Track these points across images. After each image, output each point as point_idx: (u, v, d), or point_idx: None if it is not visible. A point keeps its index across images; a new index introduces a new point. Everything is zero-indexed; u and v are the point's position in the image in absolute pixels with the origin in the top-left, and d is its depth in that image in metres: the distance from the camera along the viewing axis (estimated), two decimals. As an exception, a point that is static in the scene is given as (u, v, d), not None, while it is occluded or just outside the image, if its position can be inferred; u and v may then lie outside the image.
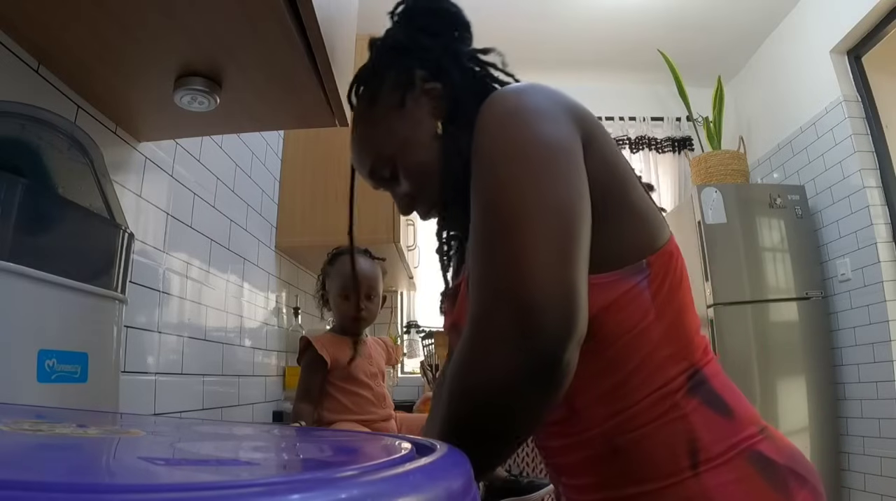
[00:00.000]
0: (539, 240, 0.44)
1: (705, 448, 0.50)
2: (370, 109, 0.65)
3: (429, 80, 0.63)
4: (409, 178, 0.63)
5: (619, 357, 0.52)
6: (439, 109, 0.62)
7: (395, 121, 0.63)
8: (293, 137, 1.95)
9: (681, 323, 0.54)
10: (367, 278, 1.28)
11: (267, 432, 0.46)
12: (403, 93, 0.62)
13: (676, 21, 2.87)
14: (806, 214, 2.62)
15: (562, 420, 0.56)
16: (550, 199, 0.46)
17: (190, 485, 0.17)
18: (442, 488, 0.20)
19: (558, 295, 0.43)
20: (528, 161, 0.48)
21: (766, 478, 0.50)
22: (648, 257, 0.53)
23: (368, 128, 0.65)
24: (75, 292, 0.66)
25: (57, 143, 0.73)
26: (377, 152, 0.64)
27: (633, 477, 0.52)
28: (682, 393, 0.52)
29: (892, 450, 2.18)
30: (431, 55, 0.63)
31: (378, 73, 0.65)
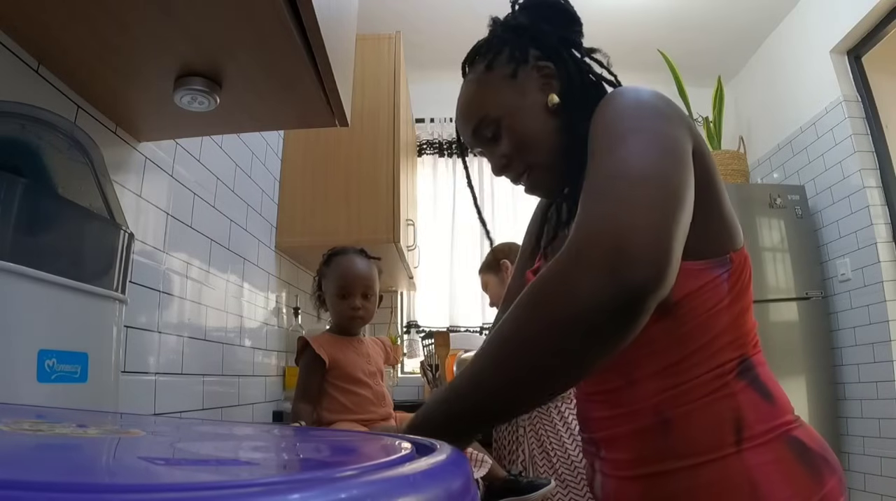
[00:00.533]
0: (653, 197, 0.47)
1: (749, 426, 0.54)
2: (485, 74, 0.70)
3: (542, 59, 0.69)
4: (511, 141, 0.68)
5: (689, 336, 0.57)
6: (549, 87, 0.68)
7: (507, 88, 0.68)
8: (293, 137, 1.95)
9: (744, 317, 0.60)
10: (364, 277, 1.28)
11: (267, 432, 0.46)
12: (517, 66, 0.68)
13: (676, 21, 2.87)
14: (806, 214, 2.62)
15: (616, 389, 0.61)
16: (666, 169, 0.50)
17: (190, 485, 0.17)
18: (442, 488, 0.20)
19: (658, 248, 0.44)
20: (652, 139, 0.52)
21: (802, 462, 0.54)
22: (731, 253, 0.59)
23: (481, 89, 0.70)
24: (75, 292, 0.66)
25: (57, 143, 0.73)
26: (485, 112, 0.69)
27: (677, 452, 0.55)
28: (733, 375, 0.57)
29: (892, 450, 2.18)
30: (547, 39, 0.69)
31: (497, 44, 0.70)
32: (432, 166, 3.15)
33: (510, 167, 0.71)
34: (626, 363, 0.59)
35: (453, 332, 2.47)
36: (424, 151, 3.15)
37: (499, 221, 2.96)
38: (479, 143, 0.73)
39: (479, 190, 3.10)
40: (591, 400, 0.65)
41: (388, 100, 2.03)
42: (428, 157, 3.15)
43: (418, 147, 3.13)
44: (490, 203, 3.06)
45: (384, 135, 1.97)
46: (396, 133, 1.98)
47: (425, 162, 3.15)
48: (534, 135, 0.67)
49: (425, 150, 3.15)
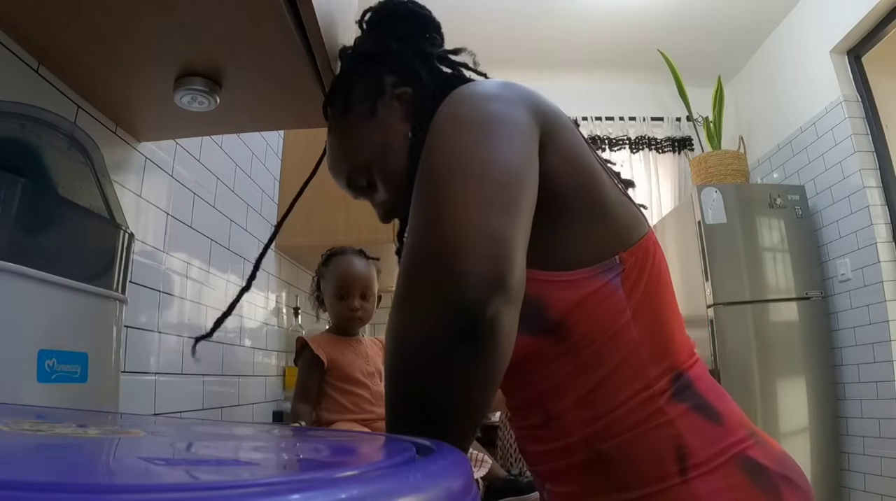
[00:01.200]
0: (464, 189, 0.41)
1: (693, 453, 0.48)
2: (343, 119, 0.65)
3: (399, 85, 0.62)
4: (385, 186, 0.63)
5: (596, 359, 0.50)
6: (410, 113, 0.62)
7: (368, 129, 0.62)
8: (293, 137, 1.95)
9: (661, 323, 0.52)
10: (362, 278, 1.29)
11: (267, 432, 0.46)
12: (374, 101, 0.62)
13: (676, 21, 2.87)
14: (806, 214, 2.62)
15: (539, 425, 0.55)
16: (483, 156, 0.44)
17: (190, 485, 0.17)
18: (442, 488, 0.20)
19: (482, 242, 0.39)
20: (467, 127, 0.46)
21: (757, 485, 0.48)
22: (620, 253, 0.51)
23: (342, 137, 0.66)
24: (75, 292, 0.66)
25: (57, 143, 0.73)
26: (352, 162, 0.64)
27: (618, 484, 0.50)
28: (667, 396, 0.50)
29: (892, 450, 2.18)
30: (400, 60, 0.63)
31: (349, 81, 0.65)
32: (432, 166, 3.15)
33: (394, 213, 0.65)
34: (538, 397, 0.53)
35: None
36: (424, 151, 3.14)
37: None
38: (356, 194, 0.67)
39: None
40: (524, 435, 0.59)
41: (388, 100, 2.03)
42: (428, 157, 3.15)
43: (418, 147, 3.12)
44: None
45: (384, 135, 1.97)
46: (396, 133, 1.98)
47: (425, 162, 3.15)
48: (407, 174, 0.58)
49: (425, 150, 3.14)
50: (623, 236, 0.52)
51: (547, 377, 0.52)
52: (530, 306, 0.46)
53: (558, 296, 0.49)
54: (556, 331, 0.50)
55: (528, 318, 0.46)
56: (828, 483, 2.36)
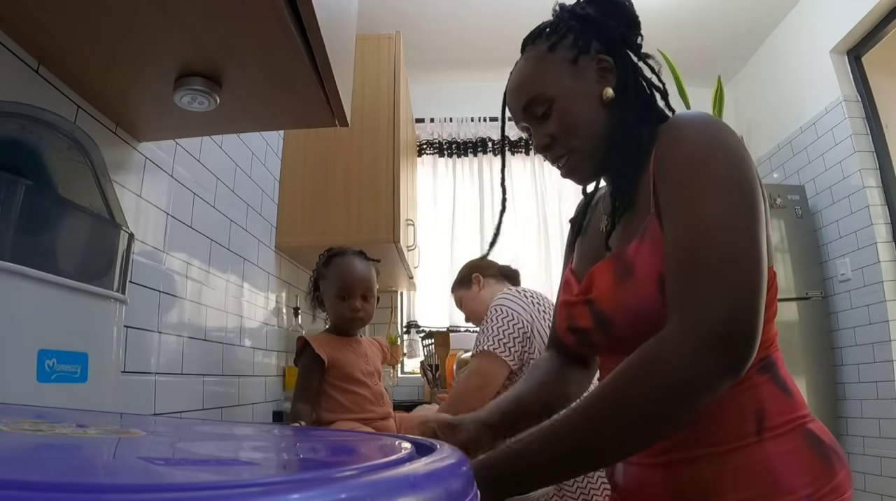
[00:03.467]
0: (749, 279, 0.53)
1: (770, 417, 0.58)
2: (546, 54, 0.72)
3: (603, 52, 0.71)
4: (560, 122, 0.70)
5: None
6: (605, 80, 0.70)
7: (566, 71, 0.70)
8: (293, 137, 1.95)
9: (769, 323, 0.63)
10: (364, 279, 1.29)
11: (267, 432, 0.46)
12: (579, 53, 0.70)
13: (676, 21, 2.87)
14: (806, 214, 2.62)
15: None
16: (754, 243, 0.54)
17: (190, 485, 0.17)
18: (442, 488, 0.20)
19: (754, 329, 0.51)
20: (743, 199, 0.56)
21: (817, 453, 0.58)
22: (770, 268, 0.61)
23: (540, 67, 0.72)
24: (75, 292, 0.66)
25: (57, 143, 0.73)
26: (541, 90, 0.71)
27: (702, 440, 0.58)
28: (756, 368, 0.60)
29: (892, 450, 2.18)
30: (611, 35, 0.71)
31: (561, 30, 0.72)
32: (432, 166, 3.15)
33: (552, 147, 0.72)
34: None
35: (453, 332, 2.47)
36: (424, 151, 3.15)
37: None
38: (527, 118, 0.73)
39: (479, 192, 3.11)
40: None
41: (388, 100, 2.03)
42: (428, 157, 3.16)
43: (418, 147, 3.13)
44: (490, 205, 3.06)
45: (384, 135, 1.97)
46: (396, 133, 1.98)
47: (425, 162, 3.15)
48: (582, 122, 0.69)
49: (425, 150, 3.15)
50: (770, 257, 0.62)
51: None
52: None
53: None
54: None
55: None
56: (828, 483, 2.36)
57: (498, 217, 0.81)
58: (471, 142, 3.14)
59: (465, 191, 3.12)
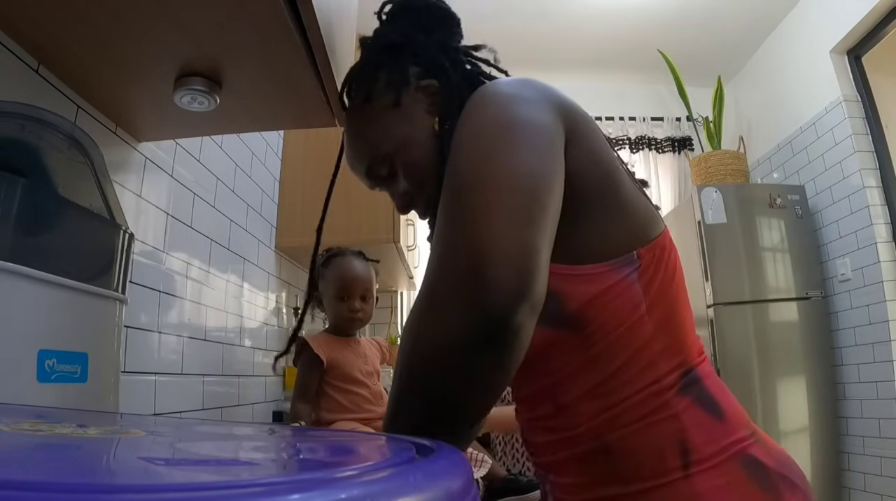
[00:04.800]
0: (496, 200, 0.43)
1: (697, 448, 0.49)
2: (364, 108, 0.65)
3: (423, 77, 0.63)
4: (407, 176, 0.63)
5: (609, 351, 0.51)
6: (435, 106, 0.62)
7: (392, 119, 0.62)
8: (293, 137, 1.95)
9: (674, 319, 0.53)
10: (363, 280, 1.29)
11: (267, 432, 0.46)
12: (398, 92, 0.62)
13: (676, 21, 2.87)
14: (806, 214, 2.62)
15: (548, 415, 0.55)
16: (513, 165, 0.45)
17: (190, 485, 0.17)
18: (442, 488, 0.20)
19: (512, 254, 0.41)
20: (495, 132, 0.48)
21: (757, 483, 0.49)
22: (639, 249, 0.52)
23: (364, 127, 0.65)
24: (75, 292, 0.66)
25: (57, 143, 0.73)
26: (374, 151, 0.64)
27: (621, 477, 0.50)
28: (674, 391, 0.50)
29: (892, 450, 2.18)
30: (425, 52, 0.63)
31: (371, 71, 0.64)
32: (432, 166, 3.15)
33: (413, 205, 0.65)
34: (550, 388, 0.54)
35: (453, 332, 2.46)
36: (424, 151, 3.15)
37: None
38: (375, 184, 0.67)
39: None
40: (530, 426, 0.60)
41: (388, 100, 2.02)
42: (428, 157, 3.15)
43: (418, 147, 3.13)
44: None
45: (384, 135, 1.97)
46: (396, 133, 1.98)
47: (425, 162, 3.15)
48: (431, 167, 0.60)
49: (425, 150, 3.15)
50: (641, 233, 0.53)
51: (560, 368, 0.53)
52: (548, 299, 0.47)
53: (577, 290, 0.50)
54: (573, 324, 0.51)
55: (545, 311, 0.47)
56: (828, 483, 2.36)
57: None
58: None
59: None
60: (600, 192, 0.52)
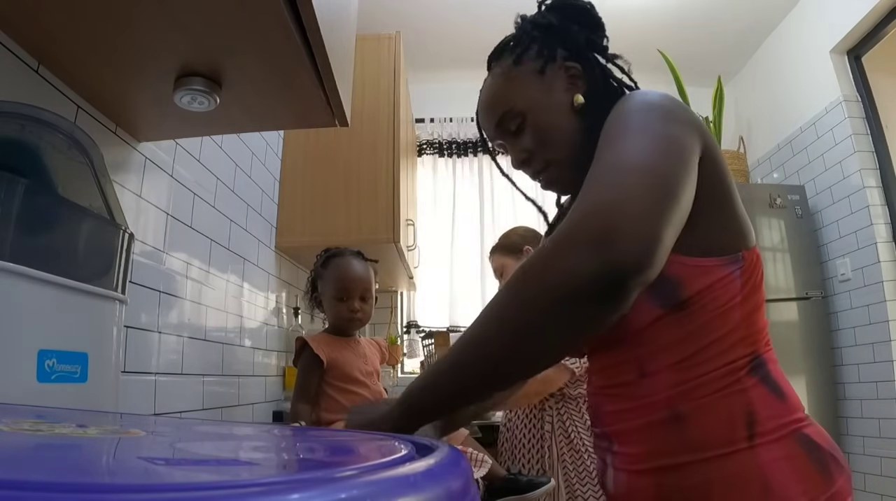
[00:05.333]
0: (645, 187, 0.49)
1: (761, 421, 0.55)
2: (513, 68, 0.71)
3: (570, 59, 0.70)
4: (534, 135, 0.70)
5: (702, 331, 0.58)
6: (574, 87, 0.70)
7: (534, 83, 0.70)
8: (293, 137, 1.95)
9: (756, 314, 0.61)
10: (362, 280, 1.29)
11: (267, 432, 0.46)
12: (545, 63, 0.69)
13: (676, 21, 2.87)
14: (806, 214, 2.62)
15: (629, 382, 0.62)
16: (665, 167, 0.52)
17: (190, 485, 0.17)
18: (442, 488, 0.20)
19: (645, 235, 0.47)
20: (653, 136, 0.55)
21: (812, 460, 0.55)
22: (743, 251, 0.61)
23: (508, 82, 0.71)
24: (75, 292, 0.66)
25: (57, 143, 0.73)
26: (511, 106, 0.70)
27: (690, 445, 0.56)
28: (745, 371, 0.57)
29: (892, 450, 2.18)
30: (576, 40, 0.71)
31: (526, 42, 0.71)
32: (432, 166, 3.15)
33: (530, 162, 0.72)
34: (640, 357, 0.61)
35: (453, 332, 2.47)
36: (424, 151, 3.15)
37: (498, 223, 2.96)
38: (501, 136, 0.73)
39: (480, 192, 3.11)
40: (604, 394, 0.66)
41: (388, 100, 2.03)
42: (428, 157, 3.16)
43: (418, 147, 3.13)
44: (490, 205, 3.06)
45: (384, 135, 1.97)
46: (396, 133, 1.98)
47: (425, 162, 3.15)
48: (557, 133, 0.69)
49: (425, 150, 3.15)
50: (744, 238, 0.62)
51: (655, 339, 0.60)
52: (670, 283, 0.57)
53: (694, 279, 0.58)
54: (682, 306, 0.58)
55: (664, 293, 0.58)
56: (828, 483, 2.36)
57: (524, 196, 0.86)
58: (471, 142, 3.14)
59: (465, 191, 3.12)
60: (720, 200, 0.62)
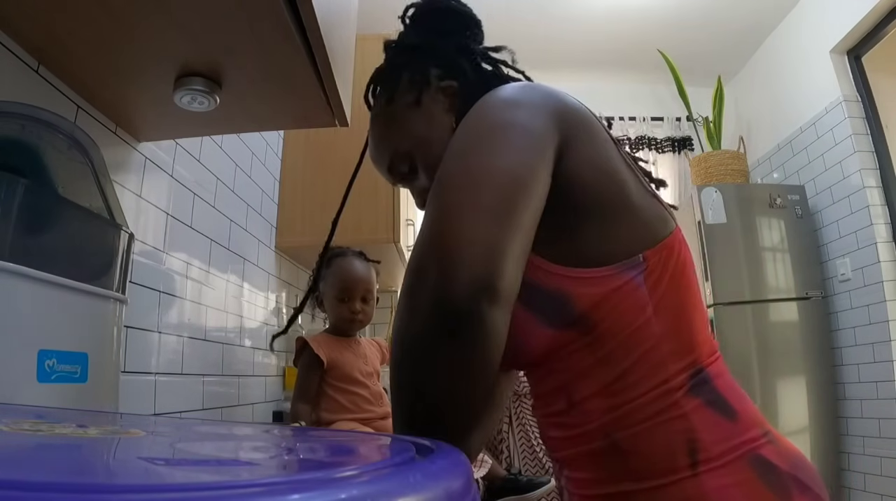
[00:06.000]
0: (469, 198, 0.45)
1: (705, 448, 0.49)
2: (387, 108, 0.67)
3: (444, 79, 0.65)
4: (427, 173, 0.66)
5: (618, 352, 0.52)
6: (454, 106, 0.65)
7: (413, 118, 0.65)
8: (293, 137, 1.95)
9: (683, 320, 0.53)
10: (364, 281, 1.29)
11: (267, 432, 0.46)
12: (419, 92, 0.65)
13: (676, 21, 2.87)
14: (806, 214, 2.62)
15: (561, 411, 0.57)
16: (490, 165, 0.47)
17: (190, 485, 0.17)
18: (442, 488, 0.20)
19: (476, 250, 0.43)
20: (480, 134, 0.50)
21: (766, 483, 0.49)
22: (644, 252, 0.53)
23: (386, 125, 0.68)
24: (75, 292, 0.66)
25: (57, 143, 0.73)
26: (395, 148, 0.67)
27: (632, 474, 0.51)
28: (683, 391, 0.51)
29: (892, 450, 2.18)
30: (445, 54, 0.66)
31: (394, 73, 0.67)
32: (432, 166, 3.15)
33: None
34: (565, 384, 0.56)
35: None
36: (424, 151, 3.15)
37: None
38: (397, 180, 0.70)
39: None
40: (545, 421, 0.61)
41: (388, 100, 2.02)
42: (428, 157, 3.16)
43: (418, 147, 3.13)
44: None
45: (384, 135, 1.97)
46: (396, 133, 1.98)
47: (425, 162, 3.15)
48: None
49: (425, 150, 3.15)
50: (647, 235, 0.54)
51: (571, 367, 0.54)
52: (554, 300, 0.51)
53: (582, 292, 0.51)
54: (580, 325, 0.52)
55: (552, 312, 0.51)
56: (828, 483, 2.35)
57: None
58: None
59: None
60: (602, 197, 0.53)
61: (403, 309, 0.47)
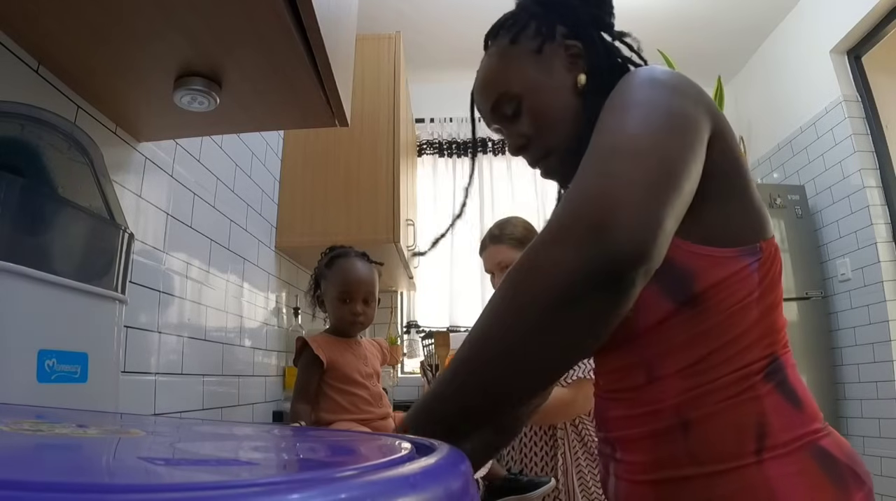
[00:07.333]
0: (642, 170, 0.46)
1: (773, 433, 0.51)
2: (508, 48, 0.67)
3: (570, 37, 0.66)
4: (531, 120, 0.66)
5: (715, 331, 0.53)
6: (575, 67, 0.66)
7: (531, 64, 0.66)
8: (293, 137, 1.95)
9: (775, 312, 0.56)
10: (366, 283, 1.28)
11: (266, 432, 0.46)
12: (543, 42, 0.65)
13: (676, 21, 2.87)
14: (806, 214, 2.62)
15: (636, 387, 0.57)
16: (664, 146, 0.48)
17: (190, 485, 0.17)
18: (442, 488, 0.20)
19: (643, 222, 0.43)
20: (657, 114, 0.51)
21: (827, 474, 0.50)
22: (761, 242, 0.56)
23: (503, 63, 0.68)
24: (75, 292, 0.66)
25: (57, 143, 0.73)
26: (507, 88, 0.67)
27: (694, 457, 0.52)
28: (761, 376, 0.53)
29: (892, 450, 2.18)
30: (577, 16, 0.67)
31: (523, 18, 0.68)
32: (432, 166, 3.15)
33: (528, 148, 0.68)
34: (649, 359, 0.56)
35: (453, 332, 2.47)
36: (424, 151, 3.15)
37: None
38: (497, 120, 0.70)
39: (480, 192, 3.11)
40: (610, 398, 0.62)
41: (388, 100, 2.03)
42: (428, 157, 3.16)
43: (418, 147, 3.13)
44: (490, 205, 3.06)
45: (384, 135, 1.97)
46: (396, 133, 1.98)
47: (425, 162, 3.15)
48: (556, 117, 0.65)
49: (425, 150, 3.15)
50: (762, 228, 0.57)
51: (665, 340, 0.55)
52: (680, 275, 0.53)
53: (708, 271, 0.53)
54: (694, 301, 0.53)
55: (674, 286, 0.53)
56: (828, 483, 2.36)
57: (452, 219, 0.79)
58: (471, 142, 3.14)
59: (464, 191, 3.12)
60: (735, 186, 0.57)
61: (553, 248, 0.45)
